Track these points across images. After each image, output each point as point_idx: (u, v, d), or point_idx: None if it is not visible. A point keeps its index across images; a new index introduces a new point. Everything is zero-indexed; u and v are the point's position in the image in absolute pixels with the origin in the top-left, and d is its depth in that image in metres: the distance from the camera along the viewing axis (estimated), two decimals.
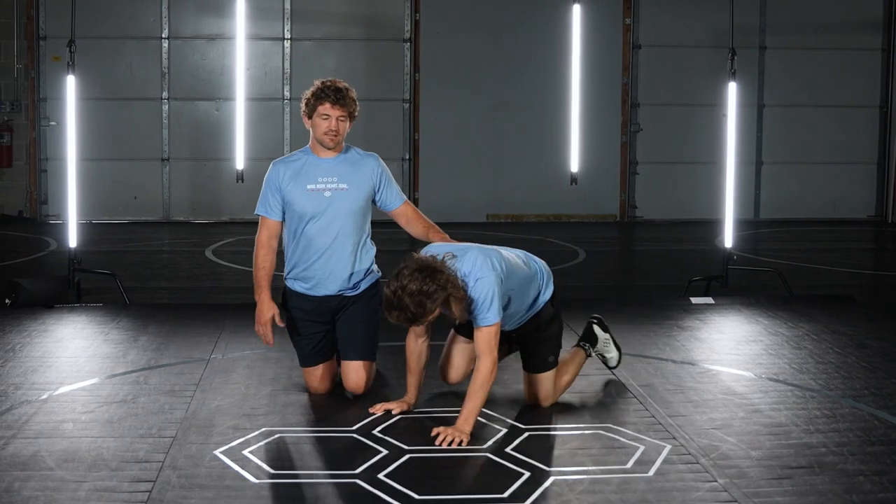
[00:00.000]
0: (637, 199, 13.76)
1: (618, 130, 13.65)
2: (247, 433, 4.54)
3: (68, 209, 7.78)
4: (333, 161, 5.08)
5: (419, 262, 4.40)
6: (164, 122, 13.13)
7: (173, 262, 10.19)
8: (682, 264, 9.97)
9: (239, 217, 13.09)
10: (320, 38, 13.30)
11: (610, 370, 5.47)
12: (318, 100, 5.00)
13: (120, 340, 6.26)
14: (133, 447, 4.35)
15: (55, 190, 12.86)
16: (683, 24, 13.40)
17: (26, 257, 10.17)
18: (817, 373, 5.64)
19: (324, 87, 5.03)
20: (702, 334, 6.57)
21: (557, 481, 4.04)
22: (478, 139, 13.49)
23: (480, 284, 4.47)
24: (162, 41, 13.04)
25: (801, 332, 6.61)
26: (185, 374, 5.50)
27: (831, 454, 4.34)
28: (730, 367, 5.77)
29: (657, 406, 5.00)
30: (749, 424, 4.73)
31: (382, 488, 3.94)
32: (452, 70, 13.38)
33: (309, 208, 5.02)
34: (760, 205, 13.91)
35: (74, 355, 5.90)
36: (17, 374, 5.46)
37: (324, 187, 5.04)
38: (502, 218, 13.58)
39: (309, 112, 5.05)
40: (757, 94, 13.71)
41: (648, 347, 6.20)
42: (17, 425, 4.61)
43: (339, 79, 5.15)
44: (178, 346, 6.12)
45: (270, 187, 5.09)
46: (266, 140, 13.24)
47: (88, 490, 3.88)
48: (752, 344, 6.33)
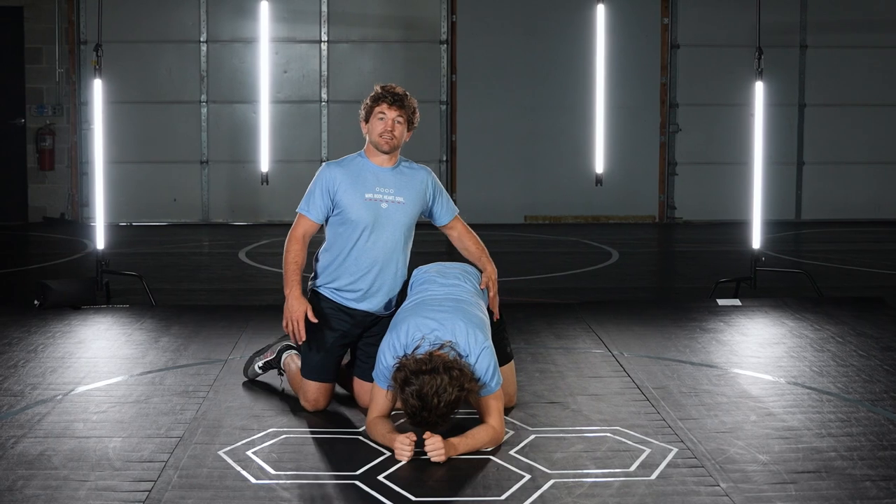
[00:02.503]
0: (676, 200, 13.64)
1: (656, 131, 13.55)
2: (253, 434, 4.56)
3: (96, 211, 7.86)
4: (391, 172, 4.94)
5: (447, 364, 4.28)
6: (203, 125, 13.25)
7: (205, 263, 10.27)
8: (715, 266, 9.87)
9: (277, 219, 13.17)
10: (357, 40, 13.35)
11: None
12: (375, 101, 4.89)
13: (141, 341, 6.32)
14: (139, 447, 4.38)
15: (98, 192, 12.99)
16: (722, 24, 13.27)
17: (64, 259, 10.31)
18: (837, 376, 5.55)
19: (382, 89, 4.92)
20: (724, 336, 6.49)
21: (557, 484, 4.01)
22: (515, 140, 13.46)
23: (481, 359, 4.45)
24: (200, 45, 13.16)
25: (827, 334, 6.51)
26: (201, 374, 5.54)
27: (840, 459, 4.27)
28: (748, 369, 5.70)
29: (669, 409, 4.95)
30: (760, 428, 4.66)
31: (380, 490, 3.94)
32: (489, 71, 13.36)
33: (365, 218, 4.87)
34: (802, 205, 13.73)
35: (94, 356, 5.97)
36: (36, 374, 5.53)
37: (381, 198, 4.89)
38: (540, 220, 13.54)
39: (366, 115, 4.92)
40: (798, 93, 13.54)
41: (668, 349, 6.14)
42: (29, 425, 4.67)
43: (379, 81, 5.12)
44: (197, 347, 6.16)
45: (321, 188, 4.89)
46: (303, 142, 13.33)
47: (89, 489, 3.92)
48: (774, 346, 6.25)
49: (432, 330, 4.50)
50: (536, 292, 8.56)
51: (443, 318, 4.54)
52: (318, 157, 13.31)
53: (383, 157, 4.94)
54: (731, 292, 7.84)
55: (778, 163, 13.34)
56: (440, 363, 4.29)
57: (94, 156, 7.89)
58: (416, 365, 4.30)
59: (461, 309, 4.62)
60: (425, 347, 4.43)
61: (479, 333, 4.52)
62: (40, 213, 13.12)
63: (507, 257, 10.13)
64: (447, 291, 4.80)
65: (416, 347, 4.45)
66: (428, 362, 4.29)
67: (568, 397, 5.16)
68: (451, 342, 4.45)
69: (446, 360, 4.33)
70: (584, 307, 7.40)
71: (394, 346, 4.51)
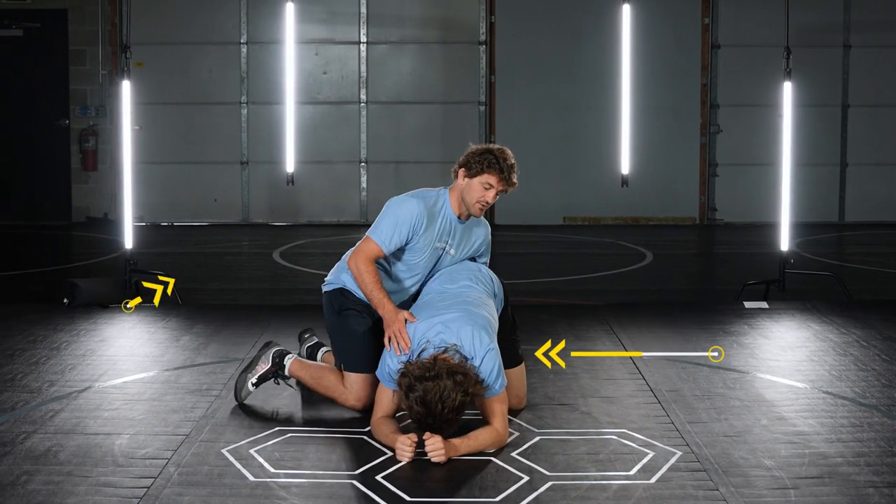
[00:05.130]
0: (717, 201, 13.51)
1: (696, 132, 13.42)
2: (259, 432, 4.59)
3: (124, 211, 7.95)
4: (461, 224, 4.96)
5: (451, 369, 4.27)
6: (243, 125, 13.35)
7: (238, 264, 10.36)
8: (749, 268, 9.74)
9: (316, 220, 13.25)
10: (396, 41, 13.38)
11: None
12: (488, 166, 4.82)
13: (162, 340, 6.38)
14: (144, 444, 4.43)
15: (139, 193, 13.11)
16: (763, 23, 13.10)
17: (100, 258, 10.44)
18: (856, 380, 5.46)
19: (498, 156, 4.84)
20: (746, 339, 6.42)
21: (555, 486, 4.00)
22: (554, 141, 13.40)
23: (486, 361, 4.44)
24: (241, 46, 13.27)
25: (851, 338, 6.41)
26: (217, 373, 5.59)
27: (847, 464, 4.21)
28: (766, 373, 5.63)
29: (679, 412, 4.91)
30: (769, 432, 4.61)
31: (376, 489, 3.95)
32: (528, 72, 13.32)
33: (425, 261, 4.92)
34: (845, 207, 13.52)
35: (115, 354, 6.04)
36: (56, 371, 5.61)
37: (444, 247, 4.95)
38: (579, 221, 13.47)
39: (471, 171, 4.84)
40: (841, 93, 13.33)
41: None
42: (41, 421, 4.74)
43: (418, 83, 5.07)
44: (217, 346, 6.21)
45: (402, 226, 4.82)
46: (342, 143, 13.38)
47: (89, 485, 3.97)
48: (796, 350, 6.17)
49: (438, 333, 4.50)
50: (563, 293, 8.53)
51: (449, 320, 4.54)
52: (357, 157, 13.36)
53: (464, 212, 4.95)
54: (761, 295, 7.75)
55: (821, 164, 13.18)
56: (444, 368, 4.28)
57: (121, 156, 7.96)
58: (419, 371, 4.29)
59: (468, 310, 4.62)
60: (430, 351, 4.43)
61: (485, 335, 4.51)
62: (83, 213, 13.30)
63: (540, 258, 10.13)
64: (456, 291, 4.80)
65: (422, 351, 4.45)
66: (432, 368, 4.28)
67: (579, 399, 5.14)
68: (457, 345, 4.45)
69: (451, 364, 4.32)
70: (607, 309, 7.36)
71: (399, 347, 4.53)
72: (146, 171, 13.32)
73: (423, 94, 13.40)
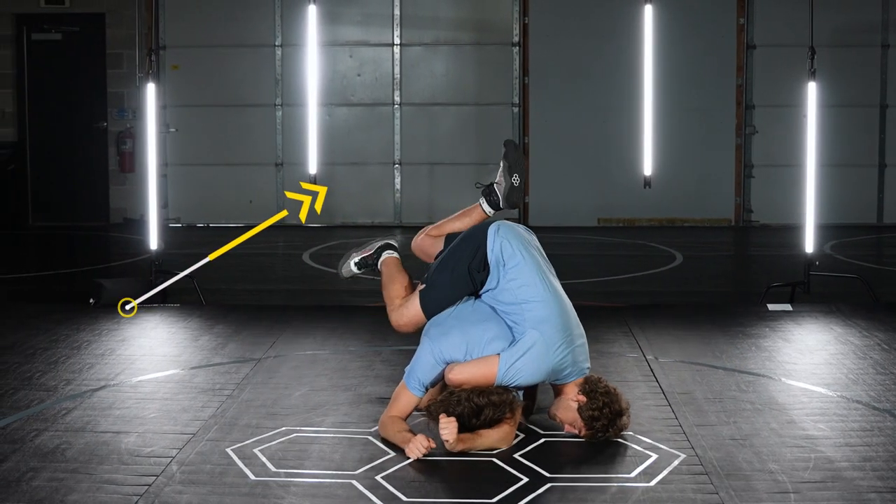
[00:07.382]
0: (753, 202, 13.39)
1: (732, 133, 13.31)
2: (265, 432, 4.62)
3: (149, 213, 8.05)
4: None
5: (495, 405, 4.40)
6: (278, 127, 13.44)
7: (267, 264, 10.42)
8: (778, 270, 9.63)
9: (350, 221, 13.31)
10: (430, 42, 13.40)
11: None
12: (594, 422, 4.49)
13: (181, 340, 6.45)
14: (151, 442, 4.48)
15: (175, 194, 13.35)
16: (799, 23, 12.93)
17: (133, 258, 10.56)
18: (873, 384, 5.39)
19: (607, 416, 4.48)
20: (766, 342, 6.36)
21: (553, 488, 3.99)
22: (588, 141, 13.35)
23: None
24: (275, 49, 13.36)
25: (873, 341, 6.33)
26: (231, 373, 5.63)
27: (852, 469, 4.16)
28: (781, 376, 5.57)
29: (688, 414, 4.88)
30: (777, 436, 4.56)
31: (374, 490, 3.96)
32: (561, 73, 13.28)
33: None
34: (884, 209, 13.34)
35: (133, 353, 6.11)
36: (73, 369, 5.68)
37: None
38: (614, 222, 13.41)
39: (584, 414, 4.52)
40: (879, 93, 13.16)
41: (704, 354, 6.04)
42: (53, 419, 4.80)
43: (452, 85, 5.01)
44: (235, 346, 6.26)
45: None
46: (376, 145, 13.43)
47: (92, 482, 4.02)
48: (815, 353, 6.10)
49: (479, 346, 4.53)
50: (588, 295, 8.48)
51: (491, 337, 4.55)
52: (391, 159, 13.41)
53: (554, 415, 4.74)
54: (787, 297, 7.68)
55: (859, 165, 13.02)
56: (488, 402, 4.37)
57: (148, 157, 8.07)
58: (468, 403, 4.36)
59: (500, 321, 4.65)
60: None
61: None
62: (121, 215, 13.46)
63: (572, 260, 10.09)
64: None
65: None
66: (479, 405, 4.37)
67: None
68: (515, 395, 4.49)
69: (495, 402, 4.37)
70: (629, 311, 7.32)
71: (441, 353, 4.53)
72: (182, 172, 13.51)
73: (456, 95, 13.41)
